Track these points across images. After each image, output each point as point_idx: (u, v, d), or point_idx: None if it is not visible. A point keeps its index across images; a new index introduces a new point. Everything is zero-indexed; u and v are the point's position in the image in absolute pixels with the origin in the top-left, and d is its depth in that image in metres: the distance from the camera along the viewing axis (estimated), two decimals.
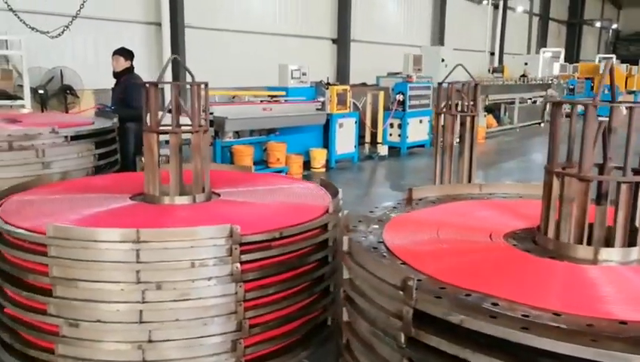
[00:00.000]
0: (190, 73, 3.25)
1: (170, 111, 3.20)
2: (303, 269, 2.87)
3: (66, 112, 9.62)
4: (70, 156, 4.18)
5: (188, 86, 3.19)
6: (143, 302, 2.48)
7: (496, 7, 23.71)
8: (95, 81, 10.42)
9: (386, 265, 1.79)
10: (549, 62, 20.38)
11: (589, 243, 2.01)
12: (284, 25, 15.18)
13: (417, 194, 2.91)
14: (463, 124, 5.00)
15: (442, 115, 5.00)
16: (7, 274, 2.71)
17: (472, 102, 4.85)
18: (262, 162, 8.12)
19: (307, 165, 8.61)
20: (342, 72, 16.54)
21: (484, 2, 23.36)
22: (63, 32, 7.60)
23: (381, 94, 10.20)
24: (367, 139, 10.35)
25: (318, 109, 8.83)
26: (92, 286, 2.48)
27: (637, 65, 24.31)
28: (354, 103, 9.54)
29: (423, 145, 11.49)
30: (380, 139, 10.25)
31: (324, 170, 8.70)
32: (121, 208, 3.10)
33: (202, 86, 3.24)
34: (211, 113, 6.99)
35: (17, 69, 9.51)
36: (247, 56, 13.39)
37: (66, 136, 4.14)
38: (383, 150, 10.19)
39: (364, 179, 8.48)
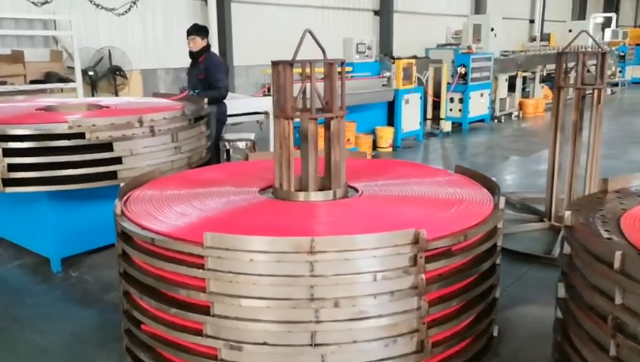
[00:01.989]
0: (322, 49, 2.83)
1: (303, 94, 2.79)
2: (478, 276, 2.49)
3: (116, 94, 9.30)
4: (192, 138, 3.90)
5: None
6: (317, 322, 2.11)
7: None
8: (142, 62, 10.04)
9: None
10: (596, 29, 19.34)
11: None
12: None
13: (614, 185, 2.47)
14: (582, 98, 4.52)
15: (561, 90, 4.50)
16: (147, 287, 2.37)
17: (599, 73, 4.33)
18: None
19: (372, 145, 8.13)
20: (385, 45, 15.85)
21: None
22: (129, 9, 7.17)
23: (444, 67, 9.63)
24: (429, 115, 9.81)
25: (383, 85, 8.32)
26: (257, 303, 2.12)
27: None
28: (418, 78, 9.01)
29: (482, 120, 10.94)
30: (442, 114, 9.72)
31: (390, 149, 8.24)
32: (255, 206, 2.73)
33: (337, 64, 2.83)
34: None
35: (66, 50, 9.19)
36: (292, 31, 12.85)
37: (190, 119, 3.82)
38: (446, 126, 9.65)
39: (437, 159, 7.95)
